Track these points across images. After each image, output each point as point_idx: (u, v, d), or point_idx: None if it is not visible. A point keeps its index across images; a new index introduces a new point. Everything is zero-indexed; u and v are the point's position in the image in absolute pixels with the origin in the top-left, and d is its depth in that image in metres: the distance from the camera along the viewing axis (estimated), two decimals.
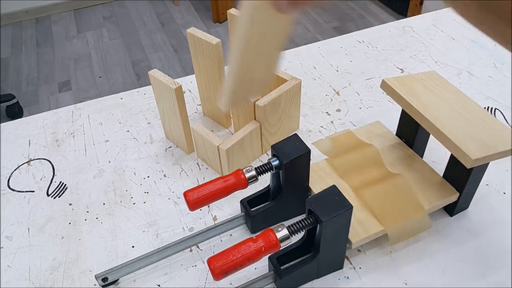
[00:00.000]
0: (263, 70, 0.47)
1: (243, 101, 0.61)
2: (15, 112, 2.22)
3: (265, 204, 0.62)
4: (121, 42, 2.73)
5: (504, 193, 0.66)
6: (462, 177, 0.58)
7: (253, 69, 0.44)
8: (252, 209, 0.61)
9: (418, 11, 2.60)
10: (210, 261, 0.45)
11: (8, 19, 2.92)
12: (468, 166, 0.52)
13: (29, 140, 0.80)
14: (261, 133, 0.70)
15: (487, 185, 0.66)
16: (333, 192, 0.50)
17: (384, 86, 0.63)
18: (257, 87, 0.50)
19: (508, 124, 0.77)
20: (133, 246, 0.62)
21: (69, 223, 0.66)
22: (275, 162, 0.56)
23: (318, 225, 0.49)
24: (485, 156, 0.52)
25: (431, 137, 0.65)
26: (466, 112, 0.59)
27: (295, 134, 0.58)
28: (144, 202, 0.68)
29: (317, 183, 0.63)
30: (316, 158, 0.69)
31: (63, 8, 3.02)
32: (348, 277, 0.56)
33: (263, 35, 0.41)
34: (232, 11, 0.71)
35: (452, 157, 0.59)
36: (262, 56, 0.44)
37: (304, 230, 0.50)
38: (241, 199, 0.62)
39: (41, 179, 0.73)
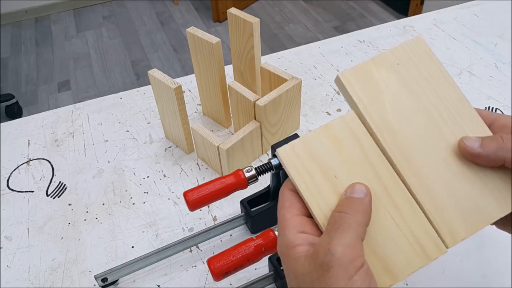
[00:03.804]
0: None
1: None
2: (14, 112, 2.21)
3: (265, 204, 0.62)
4: (121, 41, 2.73)
5: None
6: None
7: None
8: (252, 209, 0.61)
9: (418, 11, 2.60)
10: (210, 262, 0.45)
11: (8, 18, 2.91)
12: None
13: (29, 140, 0.79)
14: (261, 133, 0.70)
15: None
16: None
17: (339, 84, 0.40)
18: None
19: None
20: (132, 247, 0.62)
21: (69, 223, 0.65)
22: (275, 162, 0.56)
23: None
24: None
25: None
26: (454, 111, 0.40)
27: (296, 134, 0.58)
28: (144, 202, 0.67)
29: None
30: None
31: (62, 8, 3.01)
32: None
33: None
34: (232, 10, 0.71)
35: None
36: None
37: None
38: (241, 199, 0.62)
39: (41, 179, 0.72)
